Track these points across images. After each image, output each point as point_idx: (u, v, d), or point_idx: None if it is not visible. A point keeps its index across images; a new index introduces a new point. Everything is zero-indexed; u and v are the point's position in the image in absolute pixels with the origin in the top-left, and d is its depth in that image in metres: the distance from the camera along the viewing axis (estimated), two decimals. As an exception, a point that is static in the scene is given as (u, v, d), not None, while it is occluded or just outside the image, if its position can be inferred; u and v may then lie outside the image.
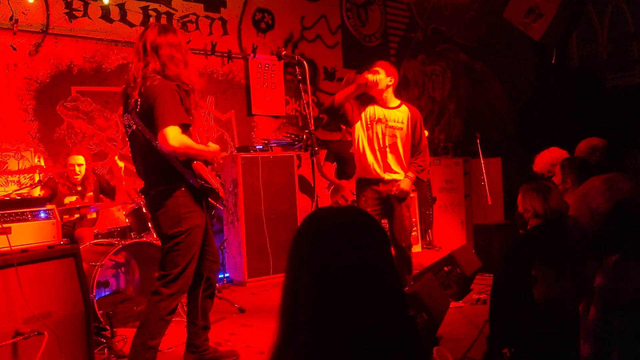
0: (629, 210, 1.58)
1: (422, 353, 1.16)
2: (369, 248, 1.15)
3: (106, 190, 4.91)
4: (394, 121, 3.96)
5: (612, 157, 3.84)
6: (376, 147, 3.93)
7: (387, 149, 3.94)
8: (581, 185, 1.76)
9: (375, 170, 3.92)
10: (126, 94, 2.90)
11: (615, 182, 1.65)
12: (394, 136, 3.95)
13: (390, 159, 3.95)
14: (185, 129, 2.76)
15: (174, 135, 2.67)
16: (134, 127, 2.85)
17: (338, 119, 4.03)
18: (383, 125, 3.93)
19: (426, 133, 4.35)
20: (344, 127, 5.38)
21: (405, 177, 3.95)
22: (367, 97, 4.00)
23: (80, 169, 4.68)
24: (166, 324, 2.81)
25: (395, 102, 4.03)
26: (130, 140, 2.96)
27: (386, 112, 3.97)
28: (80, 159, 4.69)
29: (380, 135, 3.93)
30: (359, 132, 3.96)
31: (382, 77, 3.89)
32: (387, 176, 3.93)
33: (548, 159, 4.12)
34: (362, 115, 3.95)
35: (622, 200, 1.59)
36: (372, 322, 1.08)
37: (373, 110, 3.95)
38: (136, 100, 2.80)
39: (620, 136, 7.27)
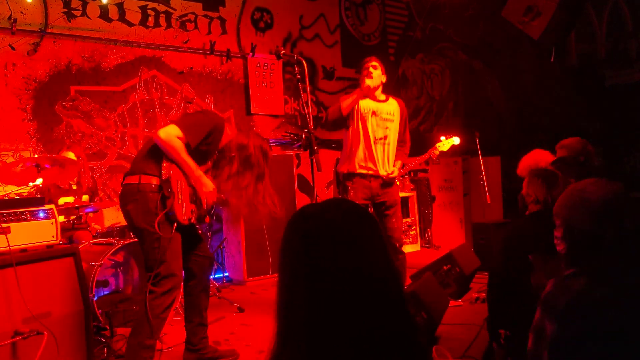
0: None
1: (422, 352, 1.13)
2: (362, 244, 1.09)
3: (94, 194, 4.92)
4: (387, 113, 3.96)
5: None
6: (371, 140, 3.89)
7: (382, 142, 3.92)
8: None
9: (368, 165, 3.89)
10: None
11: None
12: (387, 129, 3.94)
13: (384, 152, 3.92)
14: (188, 148, 2.83)
15: (167, 130, 2.77)
16: None
17: (342, 126, 3.99)
18: (378, 118, 3.91)
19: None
20: None
21: (394, 165, 3.95)
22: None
23: None
24: (162, 322, 2.81)
25: (382, 96, 4.02)
26: None
27: (379, 105, 3.95)
28: (71, 155, 4.72)
29: (375, 128, 3.91)
30: (352, 126, 3.93)
31: (379, 72, 3.89)
32: (381, 171, 3.89)
33: (530, 162, 4.11)
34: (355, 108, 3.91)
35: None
36: (372, 321, 1.04)
37: (365, 104, 3.92)
38: None
39: (619, 135, 7.27)
